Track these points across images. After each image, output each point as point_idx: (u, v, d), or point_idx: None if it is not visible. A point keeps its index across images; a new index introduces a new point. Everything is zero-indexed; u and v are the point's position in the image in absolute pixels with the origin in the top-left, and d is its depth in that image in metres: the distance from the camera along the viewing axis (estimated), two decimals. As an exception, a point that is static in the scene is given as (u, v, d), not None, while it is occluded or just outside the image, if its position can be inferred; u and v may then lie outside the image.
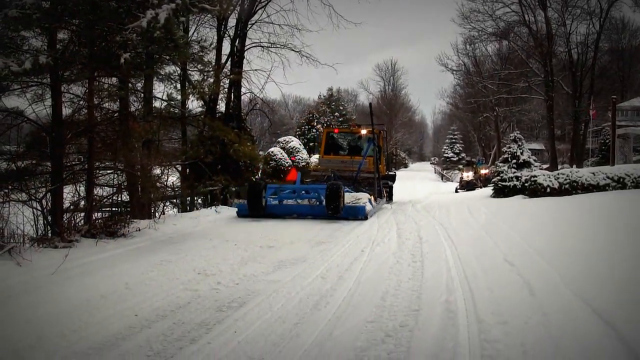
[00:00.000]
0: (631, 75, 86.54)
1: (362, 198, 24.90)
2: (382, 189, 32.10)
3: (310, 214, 23.87)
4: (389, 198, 34.58)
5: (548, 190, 28.34)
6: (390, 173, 38.55)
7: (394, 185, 37.35)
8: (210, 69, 24.97)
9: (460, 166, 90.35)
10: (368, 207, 24.15)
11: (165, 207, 23.74)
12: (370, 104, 35.82)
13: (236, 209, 24.73)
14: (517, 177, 33.14)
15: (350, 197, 24.62)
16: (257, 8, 34.72)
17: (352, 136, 35.30)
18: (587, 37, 57.75)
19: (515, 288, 10.22)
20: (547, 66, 54.82)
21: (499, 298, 9.60)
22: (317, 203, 23.93)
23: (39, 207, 15.89)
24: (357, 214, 23.14)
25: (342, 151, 34.56)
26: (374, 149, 30.84)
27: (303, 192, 25.23)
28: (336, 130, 36.71)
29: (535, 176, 29.79)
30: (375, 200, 27.06)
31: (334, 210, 22.47)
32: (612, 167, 30.58)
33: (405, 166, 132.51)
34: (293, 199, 25.01)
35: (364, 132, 33.39)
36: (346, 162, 32.10)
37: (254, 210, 23.29)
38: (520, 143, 38.28)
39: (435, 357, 7.12)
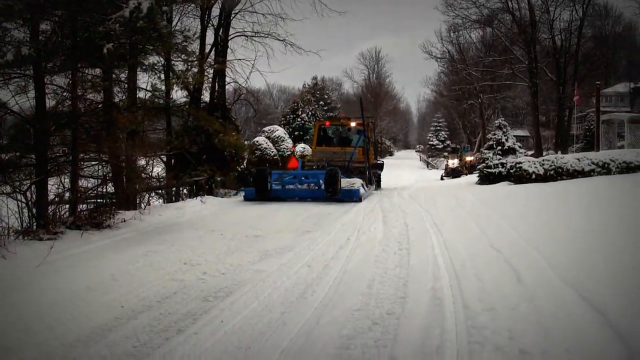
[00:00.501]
0: (615, 62, 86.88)
1: (356, 183, 26.84)
2: (372, 177, 33.71)
3: (311, 196, 26.22)
4: (378, 185, 36.32)
5: (533, 176, 28.39)
6: (378, 162, 40.09)
7: (381, 174, 38.85)
8: (194, 59, 24.90)
9: (446, 153, 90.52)
10: (362, 190, 26.67)
11: (150, 198, 23.70)
12: (360, 98, 38.10)
13: (243, 194, 27.26)
14: (502, 164, 33.22)
15: (345, 182, 26.42)
16: (241, -3, 34.63)
17: (343, 128, 36.65)
18: (570, 24, 57.80)
19: (502, 275, 10.23)
20: (531, 53, 54.90)
21: (485, 285, 9.61)
22: (316, 187, 26.25)
23: (23, 200, 15.81)
24: (353, 196, 25.54)
25: (334, 142, 35.90)
26: (364, 140, 33.07)
27: (303, 177, 27.58)
28: (327, 123, 37.93)
29: (520, 163, 29.85)
30: (366, 186, 29.11)
31: (333, 193, 24.85)
32: (597, 153, 30.71)
33: (391, 154, 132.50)
34: (294, 184, 27.06)
35: (353, 124, 35.25)
36: (337, 152, 33.40)
37: (260, 194, 25.58)
38: (505, 130, 38.30)
39: (422, 344, 7.13)
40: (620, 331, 6.92)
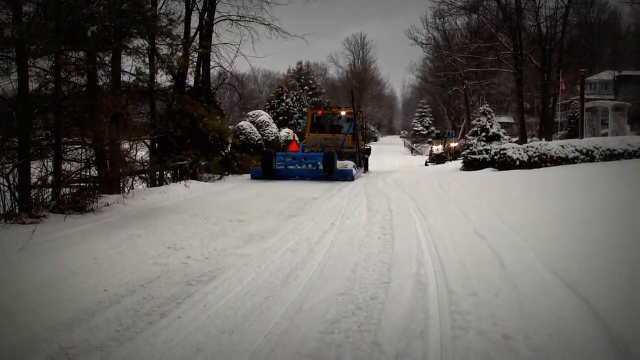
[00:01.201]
0: (599, 49, 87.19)
1: (349, 165, 30.52)
2: (361, 160, 37.56)
3: (309, 175, 29.89)
4: (365, 168, 39.82)
5: (517, 163, 28.49)
6: (366, 147, 43.53)
7: (369, 158, 42.06)
8: (179, 43, 24.84)
9: (430, 139, 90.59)
10: (354, 171, 30.38)
11: (134, 182, 23.60)
12: (352, 91, 41.53)
13: (251, 173, 31.02)
14: (486, 150, 33.28)
15: (339, 164, 29.83)
16: (227, -20, 34.53)
17: (334, 117, 40.37)
18: (555, 11, 57.73)
19: (486, 260, 10.24)
20: (516, 40, 54.84)
21: (469, 270, 9.63)
22: (314, 168, 30.03)
23: (5, 183, 15.69)
24: (346, 176, 29.07)
25: (325, 129, 39.05)
26: (354, 128, 36.90)
27: (303, 159, 31.28)
28: (320, 112, 41.74)
29: (504, 149, 29.92)
30: (356, 168, 32.44)
31: (329, 172, 28.68)
32: (581, 140, 30.79)
33: (375, 140, 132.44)
34: (294, 164, 30.91)
35: (343, 113, 39.54)
36: (329, 138, 36.60)
37: (266, 173, 29.15)
38: (489, 116, 38.28)
39: (406, 328, 7.13)
40: (602, 317, 6.95)
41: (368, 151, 42.80)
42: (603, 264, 9.07)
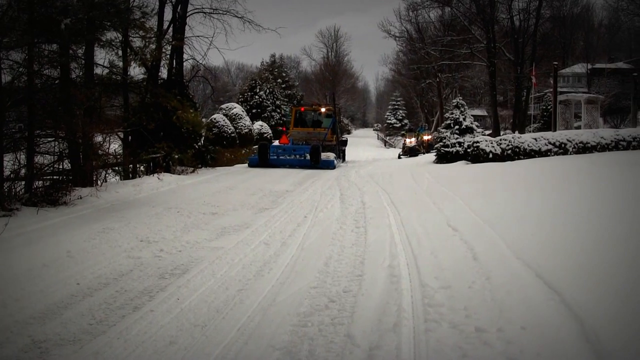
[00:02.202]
0: (572, 42, 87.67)
1: (331, 155, 35.85)
2: (340, 152, 42.30)
3: (298, 164, 34.64)
4: (343, 158, 44.40)
5: (490, 156, 28.53)
6: (343, 139, 47.79)
7: (345, 149, 46.85)
8: (152, 35, 24.78)
9: (403, 132, 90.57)
10: (335, 161, 35.96)
11: (107, 175, 23.53)
12: (332, 93, 52.46)
13: (248, 161, 36.55)
14: (459, 143, 33.26)
15: (323, 155, 34.75)
16: (200, -27, 34.43)
17: (315, 113, 44.26)
18: (529, 4, 57.96)
19: (458, 253, 10.30)
20: (489, 33, 54.97)
21: (442, 263, 9.68)
22: (302, 158, 34.73)
23: (-23, 176, 15.66)
24: (329, 165, 34.32)
25: (307, 124, 43.13)
26: (334, 123, 42.61)
27: (293, 150, 35.97)
28: (302, 109, 45.47)
29: (477, 142, 29.93)
30: (336, 159, 37.64)
31: (315, 162, 33.74)
32: (554, 133, 30.85)
33: (348, 133, 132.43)
34: (285, 155, 35.59)
35: (323, 110, 44.25)
36: (311, 132, 41.19)
37: (262, 162, 34.22)
38: (462, 109, 38.33)
39: (379, 321, 7.16)
40: (573, 308, 6.99)
41: (345, 143, 47.17)
42: (574, 255, 9.11)
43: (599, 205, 12.98)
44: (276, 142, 43.04)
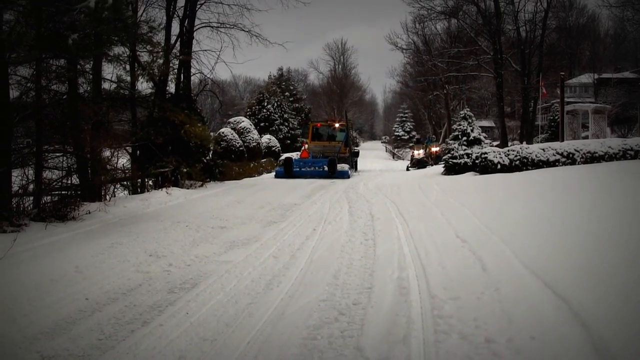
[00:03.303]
0: (578, 53, 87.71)
1: (345, 166, 39.80)
2: (352, 162, 46.58)
3: (318, 175, 37.82)
4: (355, 168, 48.47)
5: (499, 166, 28.48)
6: (355, 151, 52.75)
7: (357, 160, 51.61)
8: (160, 50, 24.81)
9: (411, 144, 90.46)
10: (350, 171, 40.29)
11: (115, 190, 23.53)
12: (345, 112, 58.44)
13: (274, 173, 41.11)
14: (467, 155, 33.23)
15: (338, 167, 38.15)
16: (207, -13, 34.48)
17: (329, 128, 49.11)
18: (535, 15, 58.06)
19: (467, 264, 10.27)
20: (496, 44, 55.07)
21: (451, 274, 9.65)
22: (321, 169, 38.31)
23: (-14, 191, 15.67)
24: (344, 175, 37.78)
25: (323, 138, 47.88)
26: (347, 137, 47.16)
27: (311, 163, 39.85)
28: (318, 125, 50.28)
29: (485, 153, 29.89)
30: (350, 169, 41.79)
31: (332, 173, 37.14)
32: (562, 143, 30.79)
33: (356, 145, 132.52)
34: (306, 167, 39.21)
35: (337, 125, 49.12)
36: (327, 145, 45.67)
37: (287, 174, 37.65)
38: (470, 120, 38.35)
39: (388, 333, 7.15)
40: (582, 318, 6.96)
41: (357, 154, 53.06)
42: (583, 265, 9.07)
43: (607, 214, 12.93)
44: (295, 155, 48.15)
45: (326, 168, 38.19)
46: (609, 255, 9.29)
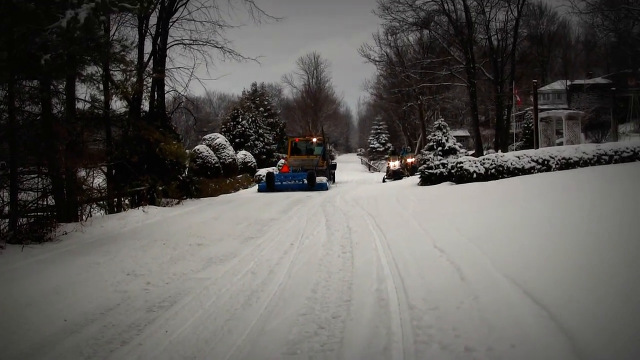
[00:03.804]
0: (551, 60, 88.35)
1: (324, 179, 42.62)
2: (330, 174, 49.97)
3: (298, 188, 39.57)
4: (333, 180, 51.93)
5: (474, 175, 28.62)
6: (332, 164, 58.44)
7: (335, 172, 55.98)
8: (133, 69, 24.78)
9: (387, 156, 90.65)
10: (327, 184, 42.61)
11: (92, 209, 23.48)
12: (322, 127, 60.79)
13: (257, 187, 43.69)
14: (443, 164, 33.40)
15: (317, 179, 40.77)
16: (178, 5, 34.58)
17: (307, 143, 53.30)
18: (506, 24, 58.23)
19: (446, 274, 10.29)
20: (468, 53, 55.27)
21: (430, 285, 9.67)
22: (301, 182, 40.42)
23: (-40, 215, 15.59)
24: (323, 187, 40.25)
25: (302, 152, 51.65)
26: (324, 151, 51.67)
27: (291, 177, 42.44)
28: (297, 140, 54.76)
29: (461, 162, 30.04)
30: (328, 181, 44.72)
31: (311, 185, 39.48)
32: (537, 150, 31.02)
33: (332, 158, 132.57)
34: (287, 181, 41.64)
35: (314, 140, 53.45)
36: (306, 160, 48.80)
37: (269, 187, 39.91)
38: (445, 130, 38.51)
39: (368, 345, 7.15)
40: (562, 323, 6.99)
41: (334, 166, 58.09)
42: (560, 271, 9.11)
43: (583, 219, 12.99)
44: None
45: (306, 181, 40.38)
46: (588, 262, 9.32)
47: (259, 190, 41.71)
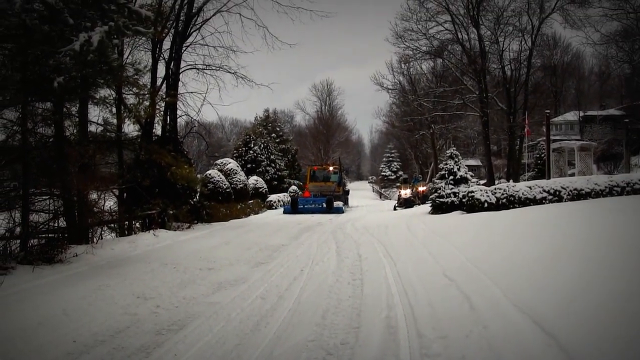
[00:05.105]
0: (564, 90, 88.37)
1: (340, 204, 47.63)
2: (345, 199, 54.64)
3: (318, 211, 44.48)
4: (347, 204, 55.74)
5: (486, 205, 28.50)
6: (347, 189, 64.05)
7: (349, 197, 61.25)
8: (146, 92, 24.82)
9: (398, 184, 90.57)
10: (343, 208, 47.92)
11: (102, 232, 23.48)
12: (339, 157, 64.70)
13: (283, 209, 48.71)
14: (454, 193, 33.24)
15: (334, 204, 45.78)
16: (192, 30, 34.61)
17: (324, 171, 58.92)
18: (519, 54, 58.20)
19: (455, 303, 10.26)
20: (481, 83, 55.12)
21: (439, 313, 9.64)
22: (320, 206, 45.39)
23: (-28, 235, 15.63)
24: (339, 211, 45.02)
25: (319, 179, 56.58)
26: (340, 178, 56.72)
27: (312, 201, 47.28)
28: (315, 168, 60.85)
29: (472, 192, 29.92)
30: (344, 205, 49.84)
31: (329, 209, 44.46)
32: (548, 181, 30.87)
33: (344, 186, 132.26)
34: (308, 204, 46.61)
35: (331, 168, 59.11)
36: (322, 186, 53.83)
37: (293, 210, 45.14)
38: (457, 159, 38.37)
39: (377, 373, 7.14)
40: (571, 353, 6.97)
41: (348, 192, 63.49)
42: (570, 301, 9.07)
43: (594, 251, 12.95)
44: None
45: (325, 205, 45.52)
46: (598, 293, 9.29)
47: (285, 212, 46.46)
